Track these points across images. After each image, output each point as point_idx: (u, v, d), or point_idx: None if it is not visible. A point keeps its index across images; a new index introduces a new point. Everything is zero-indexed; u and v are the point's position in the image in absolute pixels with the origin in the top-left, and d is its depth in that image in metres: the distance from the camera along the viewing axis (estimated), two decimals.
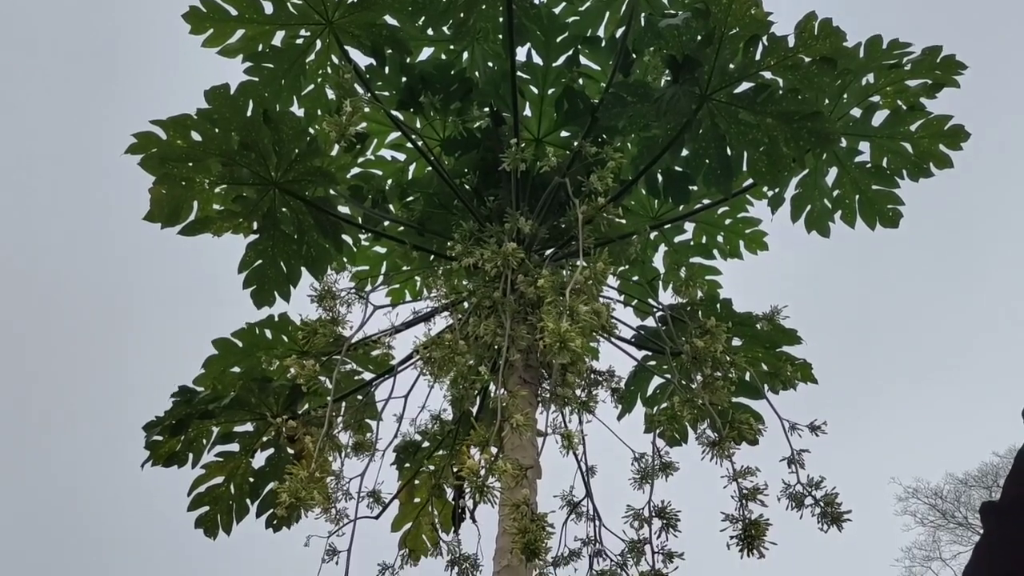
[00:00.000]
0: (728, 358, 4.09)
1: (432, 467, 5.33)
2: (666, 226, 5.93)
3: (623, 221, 5.75)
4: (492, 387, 4.77)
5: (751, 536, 3.32)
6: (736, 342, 5.33)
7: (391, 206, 5.56)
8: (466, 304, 4.56)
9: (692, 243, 6.21)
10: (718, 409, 3.86)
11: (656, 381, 5.45)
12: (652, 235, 6.01)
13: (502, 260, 3.78)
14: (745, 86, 4.55)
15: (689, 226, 6.15)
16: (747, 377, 5.18)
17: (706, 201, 5.76)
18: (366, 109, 5.04)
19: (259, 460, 4.91)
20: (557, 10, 5.00)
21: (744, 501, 3.42)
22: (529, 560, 2.98)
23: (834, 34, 4.25)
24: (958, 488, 25.12)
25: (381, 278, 5.98)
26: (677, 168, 5.20)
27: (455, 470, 5.13)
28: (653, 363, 5.33)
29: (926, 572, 25.12)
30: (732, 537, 3.37)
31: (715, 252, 6.21)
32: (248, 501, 4.88)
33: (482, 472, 2.90)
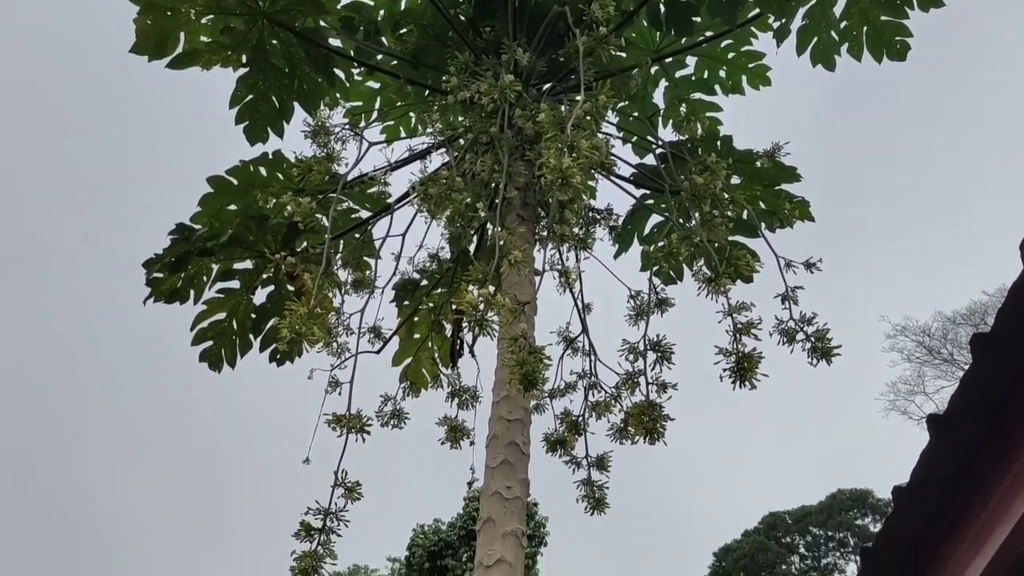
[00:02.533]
0: (727, 195, 4.05)
1: (431, 304, 5.40)
2: (667, 60, 5.74)
3: (624, 55, 5.61)
4: (490, 225, 4.78)
5: (744, 369, 3.40)
6: (735, 180, 5.30)
7: (384, 38, 5.38)
8: (462, 140, 4.49)
9: (694, 78, 6.04)
10: (715, 247, 3.86)
11: (653, 220, 5.44)
12: (653, 70, 5.85)
13: (499, 94, 3.69)
14: None
15: (691, 60, 5.97)
16: (744, 215, 5.18)
17: (709, 34, 5.58)
18: None
19: (260, 297, 4.98)
20: None
21: (738, 336, 3.49)
22: (527, 391, 3.06)
23: None
24: (946, 326, 25.76)
25: (375, 114, 5.85)
26: None
27: (453, 306, 5.21)
28: (651, 201, 5.32)
29: (909, 405, 26.10)
30: (725, 370, 3.46)
31: (717, 88, 6.06)
32: (251, 336, 4.97)
33: (480, 307, 2.93)
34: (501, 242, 3.34)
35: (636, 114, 6.16)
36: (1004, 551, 2.82)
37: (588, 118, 3.50)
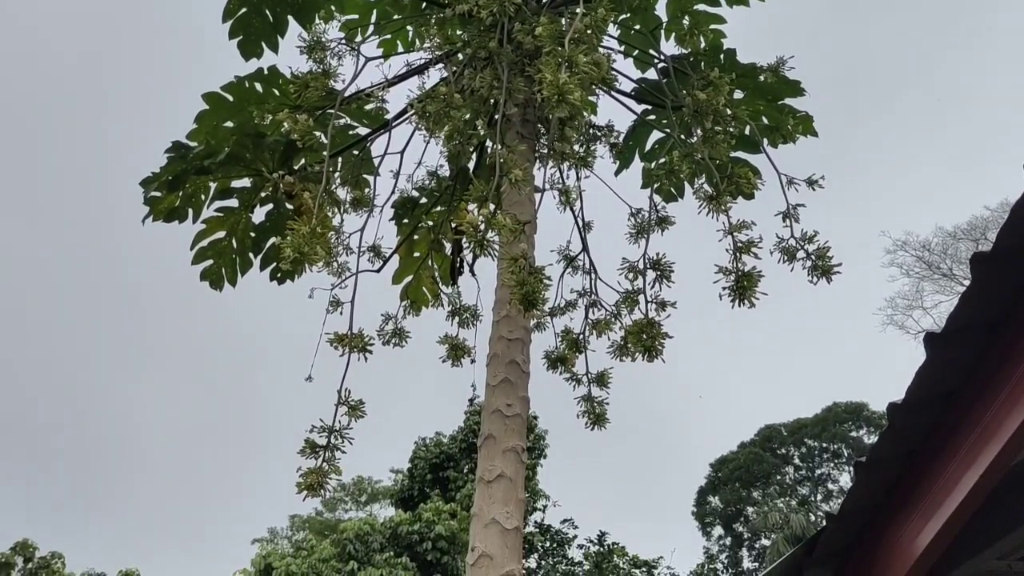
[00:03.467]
0: (729, 111, 3.99)
1: (431, 223, 5.38)
2: None
3: None
4: (489, 142, 4.72)
5: (743, 287, 3.41)
6: (738, 95, 5.22)
7: None
8: (461, 56, 4.40)
9: None
10: (716, 164, 3.83)
11: (655, 136, 5.38)
12: None
13: (498, 7, 3.59)
14: None
15: None
16: (747, 131, 5.12)
17: None
18: None
19: (259, 215, 4.95)
20: None
21: (738, 254, 3.48)
22: (527, 311, 3.08)
23: None
24: (946, 241, 25.72)
25: (372, 28, 5.72)
26: None
27: (453, 225, 5.19)
28: (653, 117, 5.24)
29: (907, 320, 26.26)
30: (725, 288, 3.46)
31: None
32: (251, 255, 4.96)
33: (481, 227, 2.92)
34: (501, 160, 3.29)
35: (638, 27, 6.02)
36: (996, 465, 2.87)
37: (588, 31, 3.42)
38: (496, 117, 3.49)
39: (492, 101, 3.97)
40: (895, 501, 3.35)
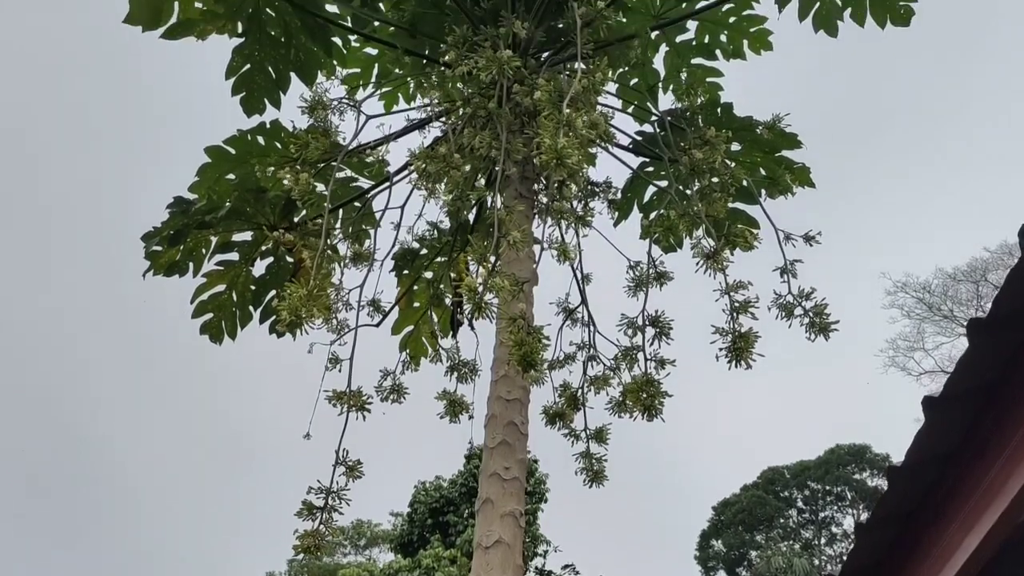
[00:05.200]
0: (727, 169, 4.03)
1: (430, 273, 5.40)
2: (668, 25, 5.67)
3: (624, 20, 5.53)
4: (488, 197, 4.76)
5: (739, 349, 3.41)
6: (735, 147, 5.27)
7: (381, 4, 5.31)
8: (461, 112, 4.45)
9: (694, 43, 5.96)
10: (714, 220, 3.86)
11: (653, 189, 5.41)
12: (653, 34, 5.78)
13: (497, 69, 3.64)
14: None
15: (691, 25, 5.88)
16: (744, 183, 5.17)
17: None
18: None
19: (259, 268, 4.97)
20: None
21: (735, 314, 3.49)
22: (525, 371, 3.08)
23: None
24: (946, 282, 25.77)
25: (372, 83, 5.80)
26: None
27: (453, 276, 5.22)
28: (651, 169, 5.29)
29: (908, 361, 26.21)
30: (721, 349, 3.47)
31: (718, 52, 5.99)
32: (251, 308, 4.98)
33: (479, 288, 2.94)
34: (500, 219, 3.32)
35: (636, 80, 6.10)
36: (998, 528, 2.85)
37: (586, 93, 3.47)
38: (495, 176, 3.51)
39: (492, 158, 4.00)
40: (896, 562, 3.33)
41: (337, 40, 5.04)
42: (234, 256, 4.87)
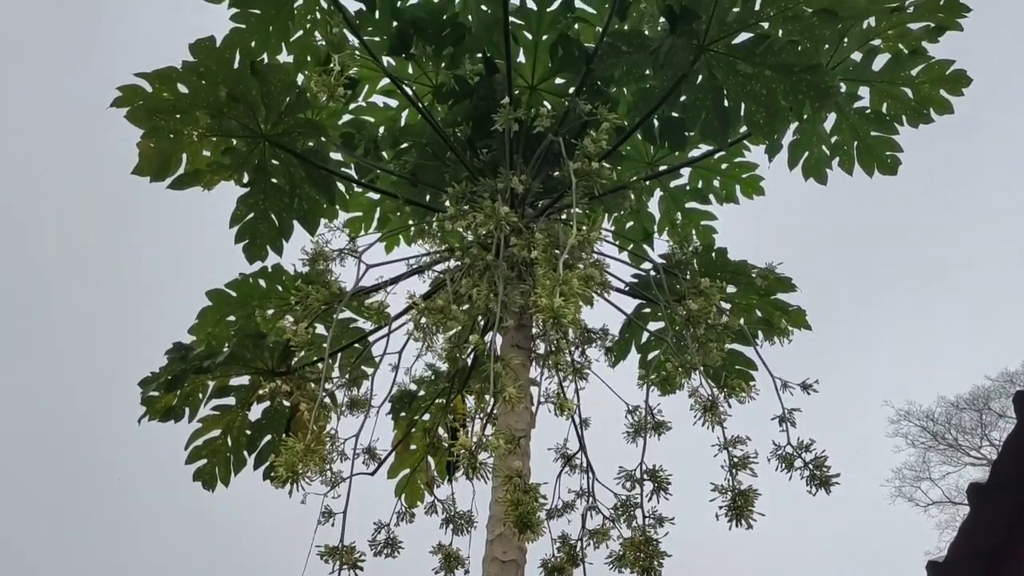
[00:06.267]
0: (723, 320, 4.07)
1: (428, 415, 5.37)
2: (661, 175, 5.85)
3: (620, 168, 5.70)
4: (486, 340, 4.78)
5: (739, 507, 3.36)
6: (731, 289, 5.33)
7: (384, 153, 5.49)
8: (460, 257, 4.53)
9: (688, 188, 6.14)
10: (711, 371, 3.87)
11: (650, 327, 5.44)
12: (647, 180, 5.95)
13: (495, 224, 3.73)
14: (743, 37, 4.44)
15: (685, 170, 6.07)
16: (741, 322, 5.21)
17: (703, 147, 5.69)
18: (356, 56, 4.94)
19: (255, 412, 4.95)
20: None
21: (734, 471, 3.46)
22: (522, 532, 3.03)
23: None
24: (949, 411, 25.53)
25: (375, 226, 5.93)
26: (673, 114, 5.11)
27: (451, 418, 5.19)
28: (648, 311, 5.34)
29: (915, 491, 25.70)
30: (721, 507, 3.42)
31: (711, 197, 6.15)
32: (245, 453, 4.93)
33: (474, 447, 2.92)
34: (496, 374, 3.32)
35: (632, 223, 6.24)
36: None
37: (581, 247, 3.55)
38: (492, 328, 3.55)
39: (489, 307, 4.04)
40: None
41: (340, 185, 5.19)
42: (231, 401, 4.86)
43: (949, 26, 4.94)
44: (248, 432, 4.91)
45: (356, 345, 5.10)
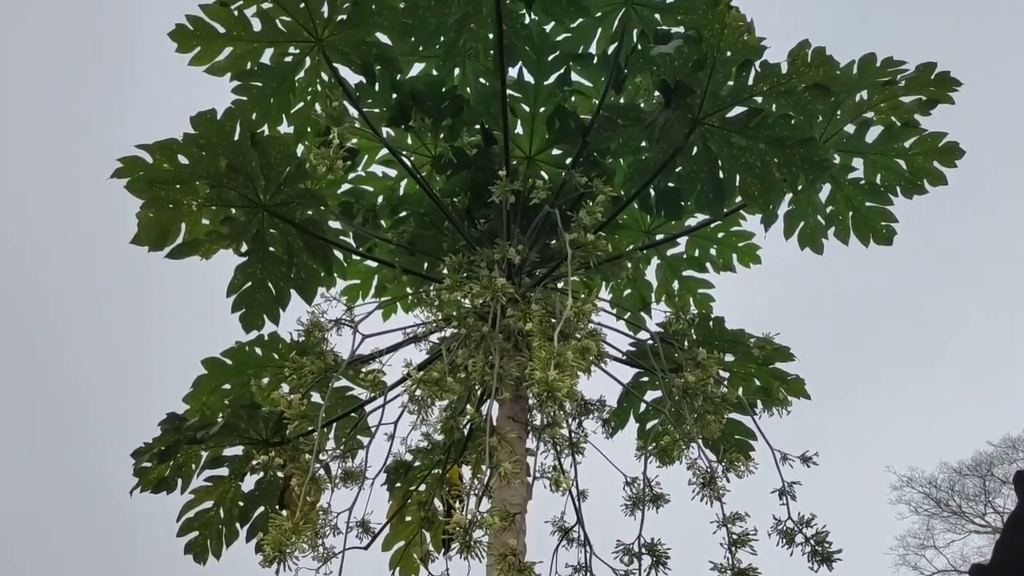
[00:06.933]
0: (721, 391, 4.05)
1: (424, 486, 5.30)
2: (658, 244, 5.89)
3: (618, 236, 5.74)
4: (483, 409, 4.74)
5: None
6: (729, 358, 5.32)
7: (382, 222, 5.52)
8: (458, 326, 4.52)
9: (685, 256, 6.16)
10: (710, 442, 3.84)
11: (649, 396, 5.41)
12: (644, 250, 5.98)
13: (491, 296, 3.74)
14: (738, 110, 4.51)
15: (683, 238, 6.11)
16: (739, 392, 5.18)
17: (699, 216, 5.72)
18: (356, 125, 5.01)
19: (249, 483, 4.89)
20: (548, 28, 4.93)
21: (733, 548, 3.40)
22: None
23: (827, 62, 4.21)
24: (952, 477, 25.29)
25: (372, 293, 5.94)
26: (670, 184, 5.16)
27: (447, 488, 5.12)
28: (646, 379, 5.32)
29: (919, 560, 25.28)
30: None
31: (708, 265, 6.18)
32: (238, 525, 4.85)
33: (468, 524, 2.87)
34: (491, 448, 3.29)
35: (629, 291, 6.25)
36: None
37: (577, 319, 3.54)
38: (487, 400, 3.52)
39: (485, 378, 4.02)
40: None
41: (338, 254, 5.22)
42: (224, 471, 4.79)
43: (941, 99, 5.02)
44: (241, 504, 4.84)
45: (352, 414, 5.07)
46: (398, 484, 5.32)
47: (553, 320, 3.59)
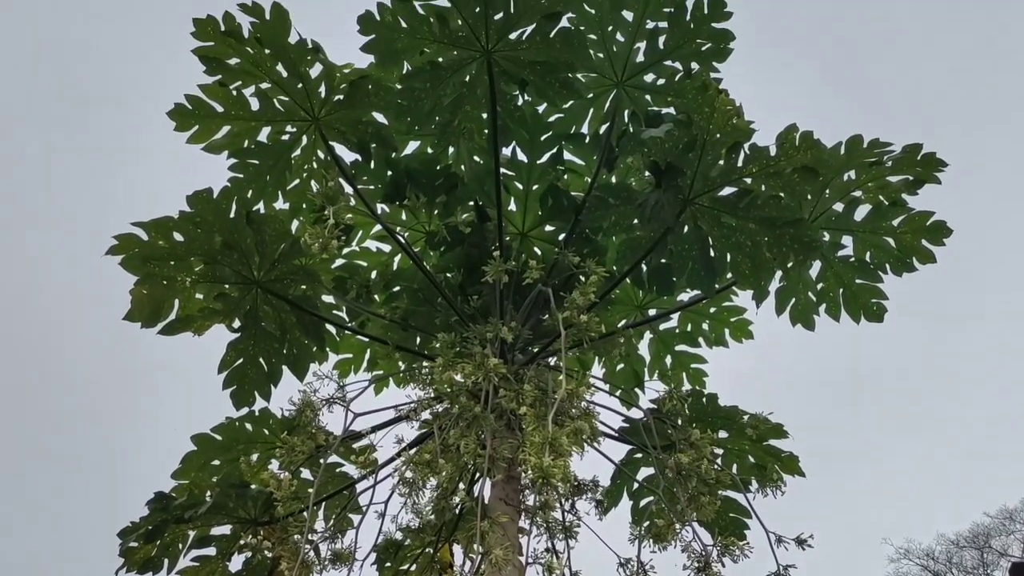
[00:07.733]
0: (715, 470, 4.03)
1: (414, 566, 5.21)
2: (650, 321, 5.91)
3: (610, 311, 5.76)
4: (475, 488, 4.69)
5: None
6: (723, 434, 5.29)
7: (375, 297, 5.54)
8: (450, 404, 4.50)
9: (678, 331, 6.18)
10: (704, 523, 3.80)
11: (643, 473, 5.37)
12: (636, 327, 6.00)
13: (484, 376, 3.74)
14: (728, 190, 4.57)
15: (674, 314, 6.13)
16: (734, 469, 5.14)
17: (690, 292, 5.76)
18: (351, 202, 5.05)
19: (236, 563, 4.80)
20: (540, 109, 5.03)
21: None
22: None
23: (814, 146, 4.29)
24: (949, 549, 25.02)
25: (364, 366, 5.92)
26: (662, 261, 5.20)
27: (437, 568, 5.03)
28: (639, 456, 5.28)
29: None
30: None
31: (700, 340, 6.19)
32: None
33: None
34: (484, 520, 3.25)
35: (622, 366, 6.25)
36: None
37: (570, 398, 3.54)
38: (479, 483, 3.49)
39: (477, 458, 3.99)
40: None
41: (331, 328, 5.21)
42: (211, 551, 4.72)
43: (927, 179, 5.09)
44: None
45: (343, 492, 5.01)
46: (387, 564, 5.23)
47: (547, 399, 3.59)
